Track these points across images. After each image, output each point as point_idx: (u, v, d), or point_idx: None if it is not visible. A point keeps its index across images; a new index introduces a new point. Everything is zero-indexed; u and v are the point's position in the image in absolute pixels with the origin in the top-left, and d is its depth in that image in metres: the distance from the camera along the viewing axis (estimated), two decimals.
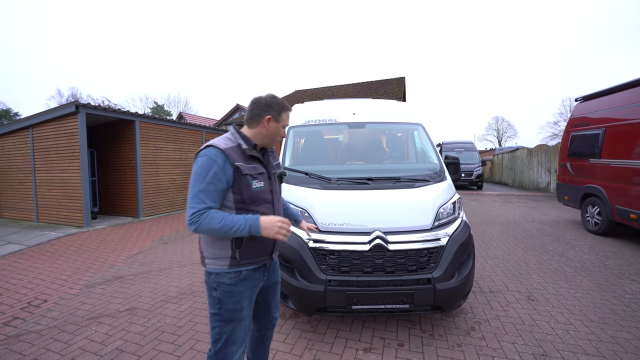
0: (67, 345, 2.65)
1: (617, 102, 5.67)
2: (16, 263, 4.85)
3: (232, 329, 1.56)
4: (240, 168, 1.51)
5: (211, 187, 1.45)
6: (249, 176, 1.54)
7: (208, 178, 1.45)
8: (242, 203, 1.55)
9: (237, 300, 1.56)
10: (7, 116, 36.70)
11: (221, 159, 1.48)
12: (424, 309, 2.48)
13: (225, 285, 1.54)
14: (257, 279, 1.64)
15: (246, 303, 1.60)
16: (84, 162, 7.09)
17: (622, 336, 2.66)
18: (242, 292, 1.57)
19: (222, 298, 1.55)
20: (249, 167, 1.56)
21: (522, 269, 4.25)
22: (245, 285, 1.58)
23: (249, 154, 1.58)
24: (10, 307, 3.38)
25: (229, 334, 1.56)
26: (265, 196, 1.62)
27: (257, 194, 1.58)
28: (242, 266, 1.56)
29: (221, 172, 1.47)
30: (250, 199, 1.56)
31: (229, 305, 1.55)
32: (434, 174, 3.12)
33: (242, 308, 1.58)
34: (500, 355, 2.44)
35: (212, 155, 1.49)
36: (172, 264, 4.69)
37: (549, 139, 36.94)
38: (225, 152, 1.50)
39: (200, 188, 1.44)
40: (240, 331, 1.59)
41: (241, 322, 1.58)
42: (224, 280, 1.54)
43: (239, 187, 1.52)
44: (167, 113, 43.17)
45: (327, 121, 3.71)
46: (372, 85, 19.48)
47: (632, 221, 5.18)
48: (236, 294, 1.56)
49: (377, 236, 2.48)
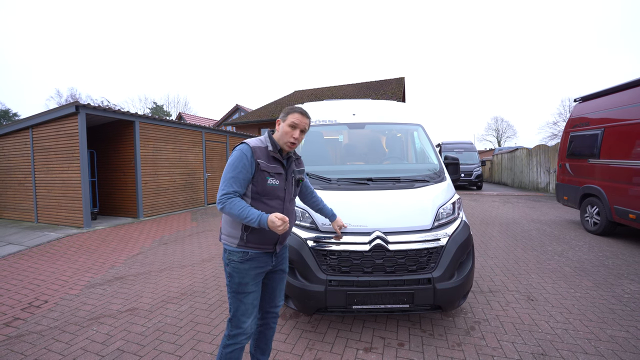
0: (69, 346, 2.66)
1: (616, 102, 5.70)
2: (16, 264, 4.85)
3: (240, 300, 1.82)
4: (260, 164, 1.78)
5: (240, 175, 1.75)
6: (266, 173, 1.80)
7: (239, 167, 1.74)
8: (257, 194, 1.81)
9: (242, 275, 1.81)
10: (7, 117, 36.64)
11: (250, 154, 1.78)
12: (424, 308, 2.49)
13: (234, 263, 1.81)
14: (263, 262, 1.87)
15: (251, 279, 1.83)
16: (84, 162, 7.09)
17: (621, 335, 2.67)
18: (248, 269, 1.82)
19: (232, 273, 1.82)
20: (270, 166, 1.82)
21: (522, 268, 4.27)
22: (250, 265, 1.82)
23: (272, 155, 1.85)
24: (11, 307, 3.39)
25: (238, 304, 1.82)
26: (278, 193, 1.86)
27: (271, 189, 1.82)
28: (248, 248, 1.80)
29: (249, 164, 1.77)
30: (264, 192, 1.81)
31: (236, 279, 1.81)
32: (433, 175, 3.14)
33: (247, 283, 1.82)
34: (500, 354, 2.45)
35: (244, 150, 1.78)
36: (172, 264, 4.69)
37: (548, 139, 37.01)
38: (253, 149, 1.79)
39: (232, 175, 1.74)
40: (247, 303, 1.83)
41: (248, 296, 1.82)
42: (233, 257, 1.81)
43: (257, 180, 1.79)
44: (166, 113, 43.15)
45: (327, 122, 3.73)
46: (372, 86, 19.51)
47: (630, 221, 5.20)
48: (242, 271, 1.81)
49: (377, 236, 2.49)
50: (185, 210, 9.57)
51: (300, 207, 2.72)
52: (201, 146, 10.45)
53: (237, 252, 1.81)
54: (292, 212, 1.98)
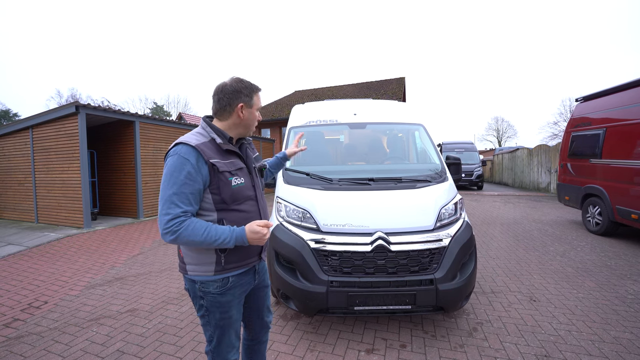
0: (68, 347, 2.64)
1: (618, 102, 5.67)
2: (16, 264, 4.84)
3: (221, 333, 1.51)
4: (216, 165, 1.38)
5: (185, 189, 1.32)
6: (227, 173, 1.41)
7: (181, 179, 1.31)
8: (222, 203, 1.42)
9: (225, 309, 1.48)
10: (7, 117, 36.66)
11: (194, 157, 1.34)
12: (426, 309, 2.47)
13: (212, 295, 1.44)
14: (246, 284, 1.56)
15: (235, 310, 1.52)
16: (84, 162, 7.08)
17: (625, 337, 2.65)
18: (230, 301, 1.48)
19: (209, 307, 1.47)
20: (227, 163, 1.43)
21: (524, 269, 4.25)
22: (233, 294, 1.48)
23: (225, 148, 1.45)
24: (10, 308, 3.37)
25: (220, 337, 1.51)
26: (247, 193, 1.51)
27: (239, 191, 1.45)
28: (229, 271, 1.45)
29: (195, 171, 1.34)
30: (232, 198, 1.43)
31: (217, 314, 1.47)
32: (435, 175, 3.12)
33: (231, 315, 1.50)
34: (502, 356, 2.43)
35: (183, 154, 1.34)
36: (172, 264, 4.67)
37: (549, 139, 36.90)
38: (198, 148, 1.36)
39: (173, 191, 1.31)
40: (232, 335, 1.54)
41: (231, 327, 1.52)
42: (210, 289, 1.44)
43: (217, 186, 1.39)
44: (166, 114, 43.17)
45: (328, 121, 3.71)
46: (372, 86, 19.50)
47: (633, 221, 5.17)
48: (224, 304, 1.47)
49: (379, 237, 2.47)
50: None
51: (301, 207, 2.71)
52: None
53: (214, 282, 1.43)
54: (266, 208, 1.65)
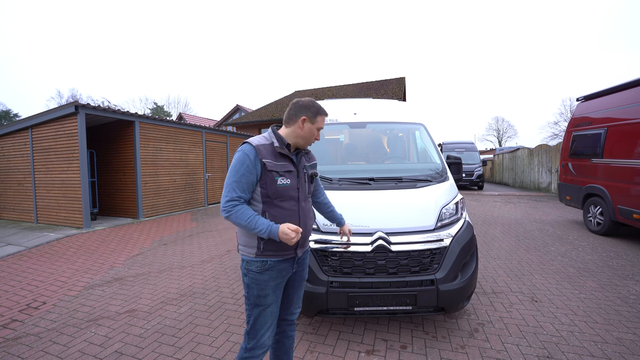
0: (66, 348, 2.62)
1: (619, 101, 5.65)
2: (15, 264, 4.82)
3: (258, 312, 1.71)
4: (266, 164, 1.64)
5: (243, 179, 1.61)
6: (274, 172, 1.66)
7: (241, 171, 1.61)
8: (267, 197, 1.67)
9: (261, 287, 1.69)
10: (7, 117, 36.68)
11: (253, 154, 1.63)
12: (427, 310, 2.45)
13: (252, 273, 1.69)
14: (284, 270, 1.75)
15: (270, 291, 1.71)
16: (84, 162, 7.06)
17: (628, 338, 2.63)
18: (267, 280, 1.70)
19: (250, 284, 1.71)
20: (277, 165, 1.67)
21: (525, 269, 4.22)
22: (270, 275, 1.70)
23: (279, 151, 1.70)
24: (8, 309, 3.35)
25: (256, 317, 1.71)
26: (290, 193, 1.72)
27: (282, 190, 1.68)
28: (266, 257, 1.68)
29: (252, 166, 1.62)
30: (275, 194, 1.67)
31: (255, 291, 1.70)
32: (436, 174, 3.10)
33: (267, 295, 1.70)
34: (504, 357, 2.41)
35: (246, 151, 1.64)
36: (172, 265, 4.66)
37: (550, 139, 36.86)
38: (256, 148, 1.65)
39: (234, 179, 1.61)
40: (266, 316, 1.72)
41: (266, 308, 1.71)
42: (252, 267, 1.69)
43: (265, 182, 1.65)
44: (166, 114, 43.17)
45: (328, 121, 3.68)
46: (372, 86, 19.47)
47: (634, 221, 5.15)
48: (261, 282, 1.69)
49: (380, 237, 2.45)
50: (185, 211, 9.54)
51: None
52: (201, 146, 10.42)
53: (255, 262, 1.69)
54: (309, 211, 1.85)
